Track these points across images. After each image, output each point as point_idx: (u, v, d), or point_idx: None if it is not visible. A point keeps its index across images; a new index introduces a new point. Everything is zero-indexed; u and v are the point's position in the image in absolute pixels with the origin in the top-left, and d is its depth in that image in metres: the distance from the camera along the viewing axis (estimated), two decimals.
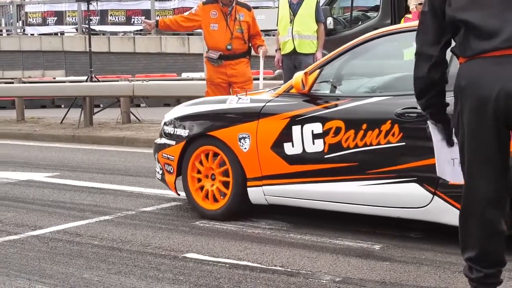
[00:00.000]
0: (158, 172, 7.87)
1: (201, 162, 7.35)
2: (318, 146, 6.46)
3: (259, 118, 6.88)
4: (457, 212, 4.91)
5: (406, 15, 12.51)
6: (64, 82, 24.93)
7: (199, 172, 7.38)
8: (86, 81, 18.72)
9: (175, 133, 7.54)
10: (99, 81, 18.83)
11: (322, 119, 6.45)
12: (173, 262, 5.84)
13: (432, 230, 6.36)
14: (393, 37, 6.73)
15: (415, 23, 6.67)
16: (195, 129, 7.33)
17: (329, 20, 15.20)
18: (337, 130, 6.34)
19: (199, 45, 18.89)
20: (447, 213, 5.84)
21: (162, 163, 7.71)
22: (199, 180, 7.38)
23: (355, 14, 16.74)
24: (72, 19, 32.13)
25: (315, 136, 6.48)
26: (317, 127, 6.47)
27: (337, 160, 6.35)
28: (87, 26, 21.60)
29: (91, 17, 22.60)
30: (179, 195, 7.87)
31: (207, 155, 7.29)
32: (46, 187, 9.38)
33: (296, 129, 6.60)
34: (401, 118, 6.00)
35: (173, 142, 7.53)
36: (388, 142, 6.05)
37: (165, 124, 7.81)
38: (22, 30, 34.17)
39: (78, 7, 30.85)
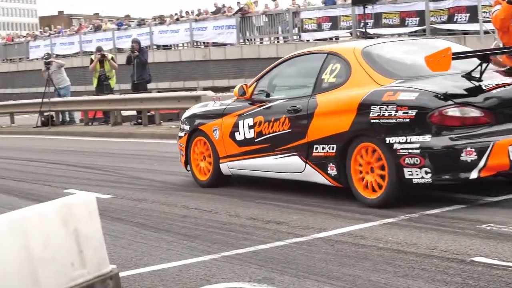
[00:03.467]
0: (179, 157, 11.26)
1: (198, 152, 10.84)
2: (251, 134, 9.77)
3: (223, 116, 10.29)
4: (320, 175, 8.78)
5: None
6: None
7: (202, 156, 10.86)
8: None
9: (184, 128, 11.01)
10: None
11: (253, 116, 9.77)
12: (461, 266, 5.74)
13: None
14: (301, 58, 9.86)
15: (316, 48, 10.52)
16: (192, 125, 10.78)
17: None
18: (260, 123, 9.63)
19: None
20: (315, 176, 8.89)
21: (179, 150, 11.16)
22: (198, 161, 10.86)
23: None
24: (346, 23, 32.51)
25: (249, 127, 9.79)
26: (251, 121, 9.78)
27: (261, 143, 9.63)
28: (362, 29, 21.74)
29: (366, 21, 22.75)
30: (188, 171, 10.98)
31: (199, 142, 10.73)
32: (327, 190, 9.44)
33: (240, 123, 9.92)
34: (288, 113, 9.19)
35: (183, 134, 11.00)
36: (283, 130, 9.26)
37: (181, 121, 11.39)
38: (298, 36, 35.10)
39: (352, 11, 31.16)
